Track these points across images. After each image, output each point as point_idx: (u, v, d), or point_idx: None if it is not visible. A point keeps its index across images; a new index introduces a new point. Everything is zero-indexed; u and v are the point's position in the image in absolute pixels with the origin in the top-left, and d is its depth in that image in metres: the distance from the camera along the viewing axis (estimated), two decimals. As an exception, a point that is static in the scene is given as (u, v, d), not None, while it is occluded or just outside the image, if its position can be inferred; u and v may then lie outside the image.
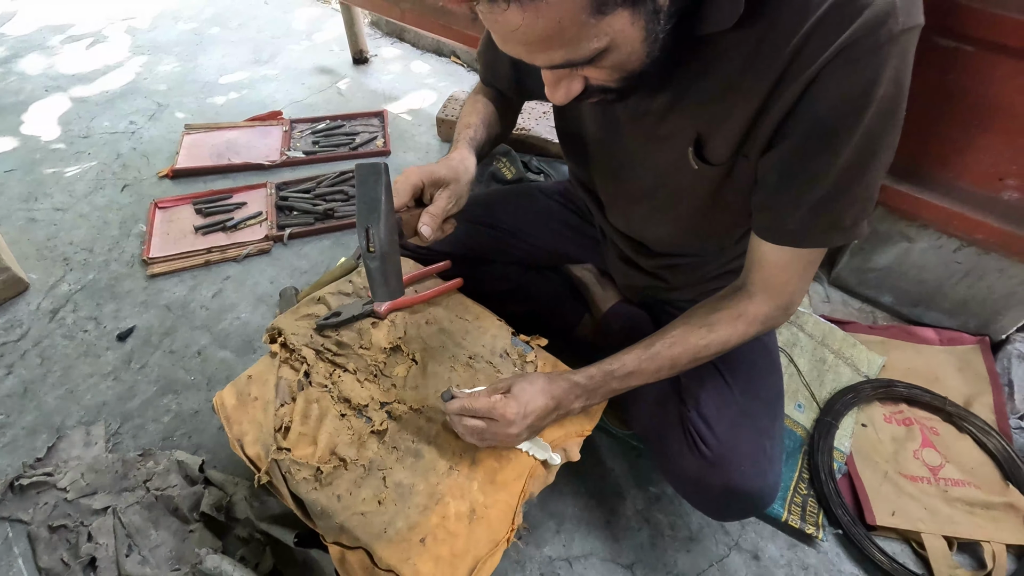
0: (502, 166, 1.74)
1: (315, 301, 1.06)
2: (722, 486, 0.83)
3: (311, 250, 1.62)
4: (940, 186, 1.17)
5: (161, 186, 1.82)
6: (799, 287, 0.75)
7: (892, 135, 0.62)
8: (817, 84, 0.57)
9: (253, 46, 2.56)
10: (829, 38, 0.54)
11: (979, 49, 0.98)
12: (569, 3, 0.49)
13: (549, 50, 0.54)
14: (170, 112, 2.15)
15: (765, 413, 0.90)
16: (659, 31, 0.55)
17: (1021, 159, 1.05)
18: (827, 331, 1.37)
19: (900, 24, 0.53)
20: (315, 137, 2.00)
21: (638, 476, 1.16)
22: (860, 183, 0.63)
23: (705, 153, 0.70)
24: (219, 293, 1.50)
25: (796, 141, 0.62)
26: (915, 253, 1.33)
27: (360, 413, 0.91)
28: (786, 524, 1.08)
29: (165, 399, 1.27)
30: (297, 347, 0.98)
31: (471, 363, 0.97)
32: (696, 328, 0.78)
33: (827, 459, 1.15)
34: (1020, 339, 1.29)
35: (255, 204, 1.73)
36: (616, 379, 0.81)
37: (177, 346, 1.38)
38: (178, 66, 2.43)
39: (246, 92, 2.27)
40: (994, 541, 1.04)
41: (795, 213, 0.66)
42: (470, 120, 0.94)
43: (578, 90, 0.63)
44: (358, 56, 2.41)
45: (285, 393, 0.93)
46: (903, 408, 1.26)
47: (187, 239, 1.63)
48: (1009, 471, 1.13)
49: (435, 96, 2.24)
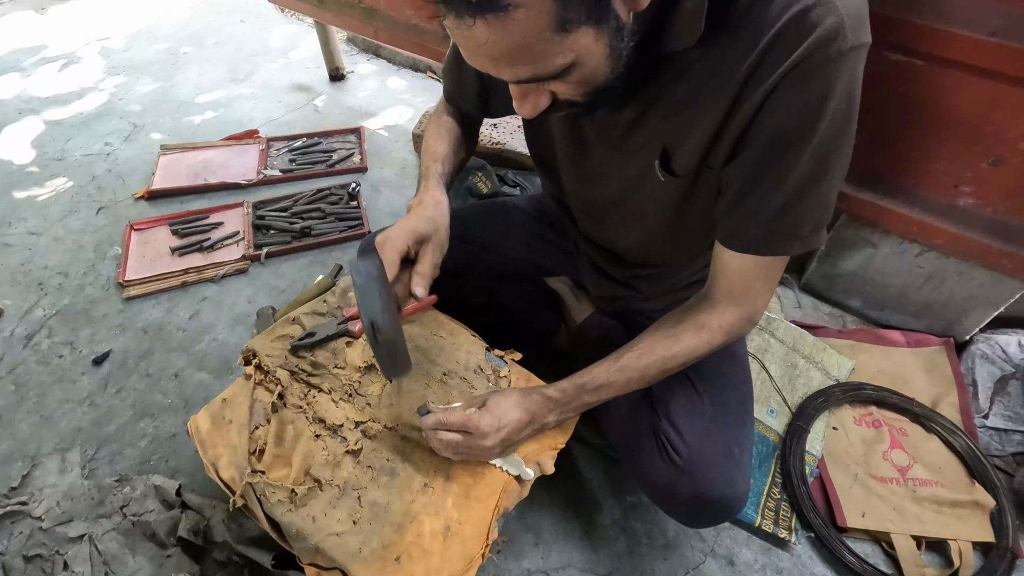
0: (478, 180, 1.76)
1: (290, 322, 1.06)
2: (692, 493, 0.84)
3: (289, 269, 1.63)
4: (900, 194, 1.20)
5: (137, 208, 1.82)
6: (762, 296, 0.77)
7: (846, 147, 0.65)
8: (773, 96, 0.60)
9: (230, 64, 2.56)
10: (784, 54, 0.57)
11: (928, 63, 1.02)
12: (534, 21, 0.51)
13: (515, 65, 0.56)
14: (146, 133, 2.15)
15: (735, 420, 0.91)
16: (623, 48, 0.58)
17: (974, 167, 1.09)
18: (798, 336, 1.40)
19: (849, 42, 0.56)
20: (292, 155, 2.01)
21: (615, 485, 1.18)
22: (816, 193, 0.66)
23: (671, 165, 0.73)
24: (196, 314, 1.50)
25: (755, 151, 0.65)
26: (879, 258, 1.36)
27: (335, 433, 0.92)
28: (760, 529, 1.10)
29: (142, 423, 1.27)
30: (272, 369, 0.98)
31: (445, 380, 0.98)
32: (663, 339, 0.80)
33: (799, 463, 1.17)
34: (982, 339, 1.33)
35: (232, 224, 1.73)
36: (588, 392, 0.83)
37: (154, 369, 1.38)
38: (154, 86, 2.43)
39: (223, 111, 2.27)
40: (960, 539, 1.07)
41: (755, 222, 0.69)
42: (438, 150, 0.95)
43: (545, 104, 0.65)
44: (334, 73, 2.42)
45: (260, 415, 0.93)
46: (872, 410, 1.29)
47: (163, 261, 1.62)
48: (975, 469, 1.16)
49: (411, 112, 2.26)
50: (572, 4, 0.51)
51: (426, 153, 0.97)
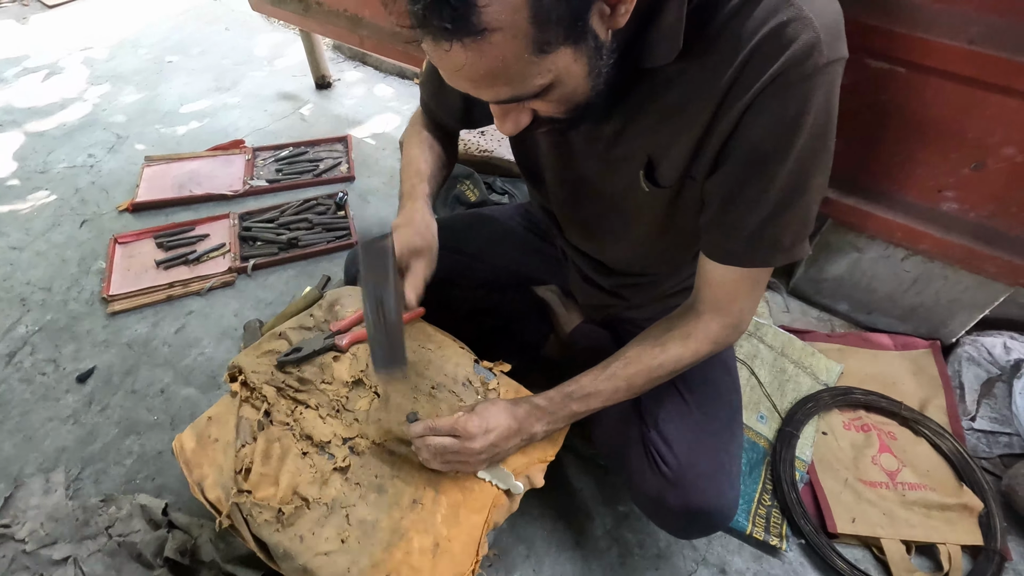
0: (466, 188, 1.75)
1: (276, 336, 1.05)
2: (682, 505, 0.84)
3: (276, 280, 1.62)
4: (884, 199, 1.21)
5: (121, 220, 1.80)
6: (747, 305, 0.78)
7: (824, 160, 0.66)
8: (751, 111, 0.61)
9: (215, 74, 2.54)
10: (761, 69, 0.58)
11: (909, 70, 1.03)
12: (511, 43, 0.51)
13: (495, 86, 0.56)
14: (130, 144, 2.13)
15: (724, 430, 0.91)
16: (602, 66, 0.58)
17: (956, 172, 1.10)
18: (786, 341, 1.40)
19: (825, 57, 0.57)
20: (278, 165, 2.00)
21: (606, 495, 1.18)
22: (797, 206, 0.67)
23: (656, 176, 0.73)
24: (182, 329, 1.49)
25: (735, 165, 0.65)
26: (865, 263, 1.37)
27: (322, 450, 0.91)
28: (751, 536, 1.10)
29: (127, 441, 1.25)
30: (258, 385, 0.97)
31: (433, 393, 0.98)
32: (649, 348, 0.80)
33: (789, 469, 1.18)
34: (969, 342, 1.34)
35: (218, 236, 1.72)
36: (575, 400, 0.83)
37: (139, 385, 1.36)
38: (138, 96, 2.41)
39: (208, 121, 2.25)
40: (950, 543, 1.08)
41: (738, 234, 0.69)
42: (422, 167, 0.95)
43: (526, 122, 0.65)
44: (321, 81, 2.41)
45: (246, 433, 0.92)
46: (861, 414, 1.29)
47: (148, 274, 1.60)
48: (963, 472, 1.17)
49: (399, 119, 2.26)
50: (549, 26, 0.51)
51: (409, 169, 0.96)
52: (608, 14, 0.54)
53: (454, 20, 0.49)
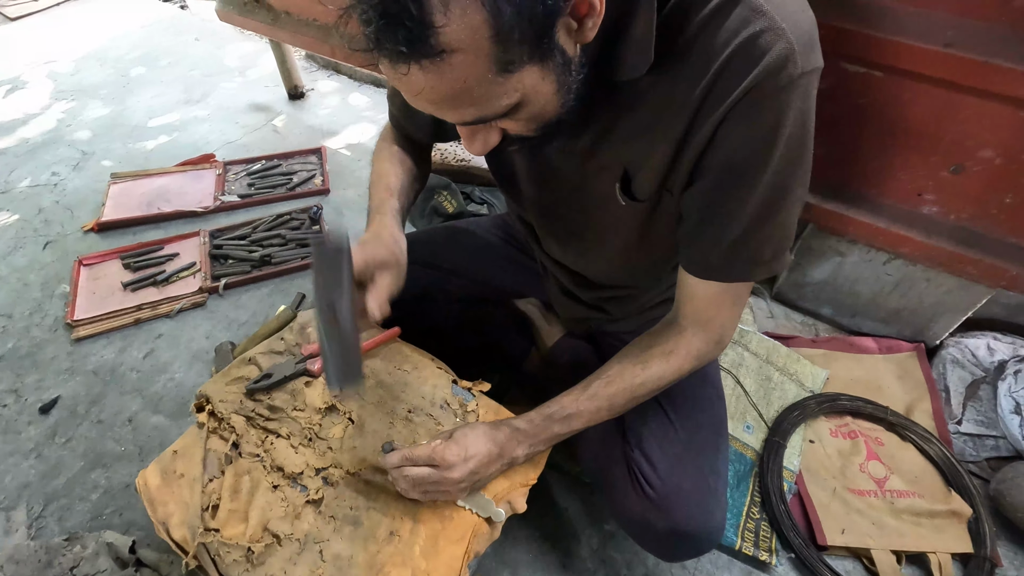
0: (443, 199, 1.72)
1: (245, 362, 1.01)
2: (668, 528, 0.82)
3: (249, 300, 1.57)
4: (865, 203, 1.20)
5: (87, 241, 1.73)
6: (729, 320, 0.77)
7: (802, 173, 0.64)
8: (725, 126, 0.59)
9: (184, 86, 2.48)
10: (733, 82, 0.56)
11: (886, 74, 1.02)
12: (473, 64, 0.48)
13: (459, 108, 0.54)
14: (95, 160, 2.06)
15: (709, 447, 0.89)
16: (571, 82, 0.56)
17: (936, 175, 1.09)
18: (771, 348, 1.39)
19: (799, 68, 0.55)
20: (250, 179, 1.95)
21: (592, 514, 1.15)
22: (775, 219, 0.66)
23: (632, 189, 0.72)
24: (151, 353, 1.43)
25: (712, 180, 0.64)
26: (848, 267, 1.36)
27: (294, 482, 0.87)
28: (740, 552, 1.08)
29: (93, 474, 1.20)
30: (226, 415, 0.93)
31: (410, 417, 0.94)
32: (630, 366, 0.78)
33: (777, 481, 1.16)
34: (952, 344, 1.33)
35: (188, 254, 1.67)
36: (557, 422, 0.80)
37: (106, 415, 1.31)
38: (104, 111, 2.34)
39: (177, 135, 2.19)
40: (940, 551, 1.06)
41: (717, 249, 0.68)
42: (391, 182, 0.92)
43: (496, 141, 0.63)
44: (293, 91, 2.36)
45: (214, 467, 0.88)
46: (848, 421, 1.28)
47: (115, 297, 1.55)
48: (951, 477, 1.16)
49: (374, 129, 2.21)
50: (512, 45, 0.48)
51: (378, 184, 0.93)
52: (575, 29, 0.52)
53: (410, 42, 0.47)
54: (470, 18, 0.46)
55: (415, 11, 0.45)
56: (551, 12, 0.48)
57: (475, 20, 0.46)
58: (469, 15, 0.46)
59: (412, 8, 0.44)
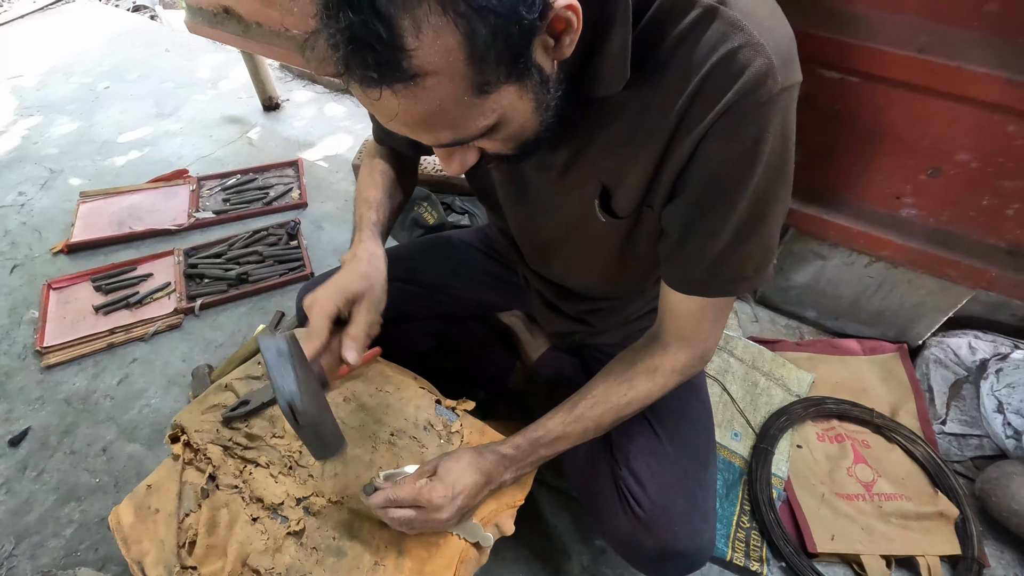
0: (423, 211, 1.70)
1: (221, 389, 0.98)
2: (657, 548, 0.81)
3: (226, 320, 1.53)
4: (845, 207, 1.20)
5: (56, 264, 1.68)
6: (713, 334, 0.76)
7: (783, 187, 0.63)
8: (706, 143, 0.58)
9: (155, 99, 2.42)
10: (713, 99, 0.55)
11: (863, 80, 1.02)
12: (448, 87, 0.47)
13: (434, 131, 0.53)
14: (64, 179, 2.00)
15: (697, 461, 0.89)
16: (550, 99, 0.55)
17: (914, 179, 1.09)
18: (756, 353, 1.39)
19: (779, 84, 0.54)
20: (225, 194, 1.90)
21: (582, 530, 1.13)
22: (758, 235, 0.65)
23: (612, 205, 0.71)
24: (125, 379, 1.39)
25: (693, 197, 0.63)
26: (830, 270, 1.37)
27: (275, 513, 0.84)
28: (731, 563, 1.07)
29: (67, 508, 1.16)
30: (202, 446, 0.90)
31: (393, 440, 0.92)
32: (616, 385, 0.77)
33: (766, 488, 1.15)
34: (935, 344, 1.34)
35: (162, 275, 1.62)
36: (544, 445, 0.79)
37: (79, 445, 1.26)
38: (72, 126, 2.27)
39: (148, 150, 2.14)
40: (928, 554, 1.06)
41: (698, 266, 0.67)
42: (371, 195, 0.90)
43: (473, 160, 0.62)
44: (268, 103, 2.32)
45: (190, 501, 0.85)
46: (834, 424, 1.28)
47: (87, 321, 1.50)
48: (937, 478, 1.16)
49: (352, 140, 2.18)
50: (488, 66, 0.47)
51: (359, 200, 0.91)
52: (552, 46, 0.51)
53: (380, 67, 0.45)
54: (444, 40, 0.44)
55: (385, 34, 0.43)
56: (527, 31, 0.47)
57: (449, 42, 0.44)
58: (443, 37, 0.44)
59: (382, 31, 0.43)
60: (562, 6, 0.48)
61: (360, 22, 0.43)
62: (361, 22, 0.43)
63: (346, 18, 0.43)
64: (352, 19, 0.43)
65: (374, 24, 0.42)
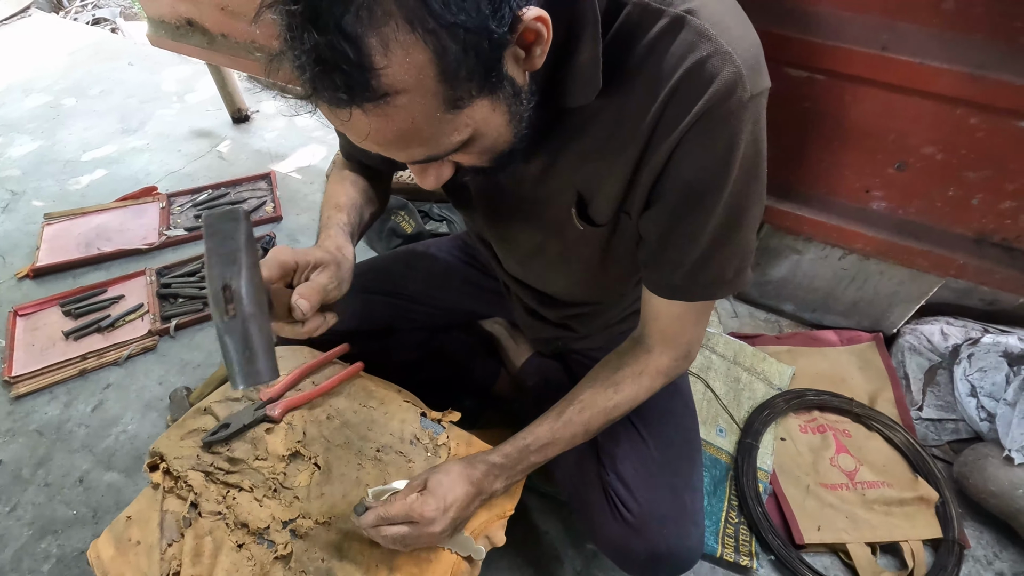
0: (401, 220, 1.69)
1: (200, 412, 0.96)
2: (648, 552, 0.82)
3: (203, 340, 1.50)
4: (817, 202, 1.22)
5: (21, 289, 1.63)
6: (695, 335, 0.77)
7: (757, 192, 0.65)
8: (679, 151, 0.59)
9: (119, 115, 2.36)
10: (684, 108, 0.56)
11: (829, 78, 1.03)
12: (419, 104, 0.46)
13: (408, 148, 0.52)
14: (26, 201, 1.94)
15: (683, 462, 0.90)
16: (523, 111, 0.55)
17: (882, 173, 1.11)
18: (738, 349, 1.40)
19: (748, 92, 0.55)
20: (197, 210, 1.87)
21: (573, 535, 1.14)
22: (735, 239, 0.66)
23: (589, 213, 0.71)
24: (100, 405, 1.35)
25: (669, 204, 0.63)
26: (805, 264, 1.39)
27: (261, 538, 0.83)
28: (721, 559, 1.09)
29: (43, 543, 1.12)
30: (182, 473, 0.88)
31: (379, 456, 0.91)
32: (603, 390, 0.78)
33: (752, 483, 1.17)
34: (909, 331, 1.37)
35: (134, 296, 1.59)
36: (533, 452, 0.79)
37: (54, 477, 1.23)
38: (33, 146, 2.21)
39: (115, 168, 2.09)
40: (911, 539, 1.09)
41: (678, 272, 0.68)
42: (339, 200, 0.87)
43: (449, 174, 0.61)
44: (237, 115, 2.28)
45: (172, 530, 0.83)
46: (816, 415, 1.30)
47: (57, 348, 1.46)
48: (916, 463, 1.19)
49: (325, 150, 2.15)
50: (460, 81, 0.46)
51: (327, 204, 0.87)
52: (523, 57, 0.51)
53: (350, 88, 0.44)
54: (413, 58, 0.44)
55: (353, 54, 0.42)
56: (498, 45, 0.47)
57: (419, 59, 0.44)
58: (412, 55, 0.43)
59: (349, 51, 0.42)
60: (532, 18, 0.47)
61: (326, 43, 0.42)
62: (327, 43, 0.42)
63: (311, 39, 0.42)
64: (318, 40, 0.42)
65: (340, 44, 0.42)
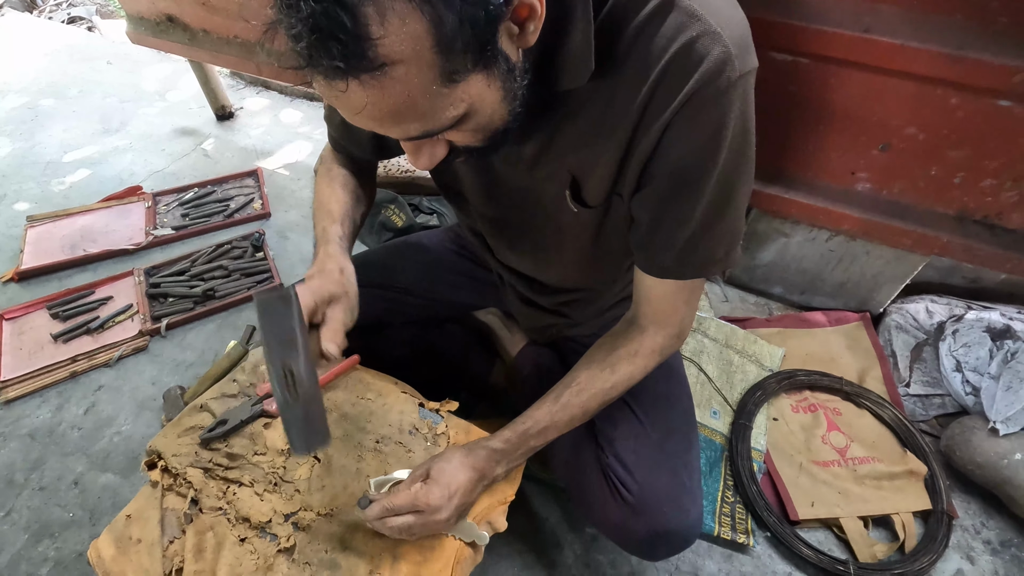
0: (391, 214, 1.68)
1: (197, 410, 0.96)
2: (648, 531, 0.83)
3: (195, 338, 1.49)
4: (804, 185, 1.24)
5: (7, 293, 1.61)
6: (687, 314, 0.78)
7: (747, 170, 0.66)
8: (670, 132, 0.59)
9: (100, 115, 2.33)
10: (674, 89, 0.56)
11: (813, 61, 1.05)
12: (416, 76, 0.46)
13: (403, 123, 0.52)
14: (8, 204, 1.91)
15: (680, 442, 0.91)
16: (517, 88, 0.55)
17: (866, 154, 1.13)
18: (729, 332, 1.42)
19: (737, 71, 0.56)
20: (183, 209, 1.85)
21: (573, 520, 1.15)
22: (725, 218, 0.67)
23: (583, 195, 0.71)
24: (92, 408, 1.34)
25: (660, 184, 0.64)
26: (793, 246, 1.41)
27: (263, 532, 0.83)
28: (719, 538, 1.10)
29: (40, 547, 1.11)
30: (181, 470, 0.88)
31: (379, 447, 0.91)
32: (599, 371, 0.79)
33: (747, 462, 1.19)
34: (895, 310, 1.40)
35: (123, 297, 1.57)
36: (533, 436, 0.80)
37: (48, 480, 1.21)
38: (11, 148, 2.17)
39: (97, 168, 2.06)
40: (902, 512, 1.11)
41: (670, 251, 0.69)
42: (334, 208, 0.88)
43: (442, 154, 0.61)
44: (221, 112, 2.26)
45: (173, 527, 0.83)
46: (807, 395, 1.32)
47: (45, 351, 1.44)
48: (905, 439, 1.22)
49: (311, 146, 2.14)
50: (456, 53, 0.47)
51: (321, 211, 0.88)
52: (517, 33, 0.51)
53: (346, 57, 0.44)
54: (410, 27, 0.44)
55: (349, 23, 0.42)
56: (493, 17, 0.47)
57: (416, 29, 0.44)
58: (409, 24, 0.43)
59: (346, 20, 0.42)
60: None
61: (322, 11, 0.42)
62: (323, 11, 0.42)
63: (307, 7, 0.42)
64: (314, 8, 0.42)
65: (337, 13, 0.42)
